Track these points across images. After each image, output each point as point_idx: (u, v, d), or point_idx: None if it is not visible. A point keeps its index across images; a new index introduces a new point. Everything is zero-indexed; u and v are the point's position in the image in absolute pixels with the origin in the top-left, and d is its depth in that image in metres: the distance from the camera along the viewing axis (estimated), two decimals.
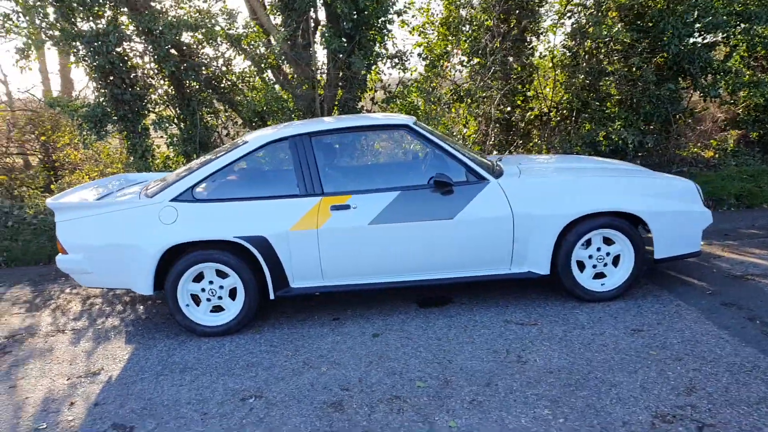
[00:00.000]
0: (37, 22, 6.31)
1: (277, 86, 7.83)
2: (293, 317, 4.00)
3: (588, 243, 3.81)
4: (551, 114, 7.90)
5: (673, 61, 6.83)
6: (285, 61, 7.82)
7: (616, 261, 3.85)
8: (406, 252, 3.73)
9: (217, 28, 7.17)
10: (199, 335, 3.78)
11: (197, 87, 7.38)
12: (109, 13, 6.76)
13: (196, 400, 3.03)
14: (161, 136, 7.30)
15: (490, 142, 8.26)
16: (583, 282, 3.83)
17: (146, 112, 7.11)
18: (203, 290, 3.76)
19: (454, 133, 7.97)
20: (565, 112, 7.79)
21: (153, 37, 6.76)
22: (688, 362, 3.02)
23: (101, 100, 6.80)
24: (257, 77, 7.72)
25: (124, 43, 6.73)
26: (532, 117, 8.09)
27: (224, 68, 7.30)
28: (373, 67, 7.61)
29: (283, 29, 7.65)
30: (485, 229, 3.69)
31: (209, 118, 7.77)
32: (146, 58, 7.11)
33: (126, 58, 6.78)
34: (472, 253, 3.75)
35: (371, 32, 7.46)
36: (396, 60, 7.33)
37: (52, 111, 7.49)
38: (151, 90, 7.16)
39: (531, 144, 8.21)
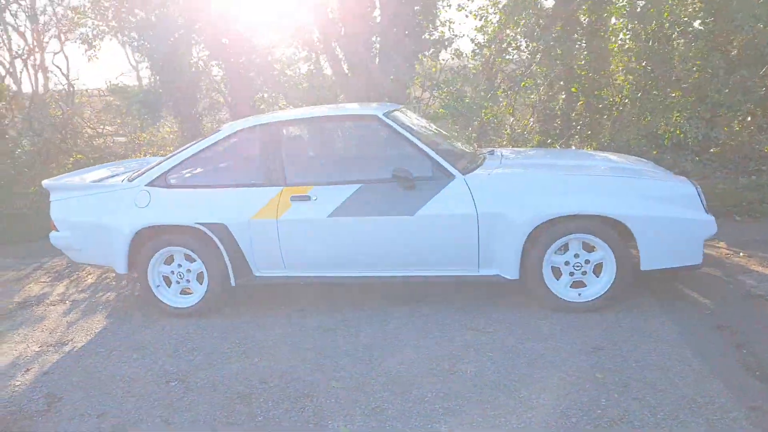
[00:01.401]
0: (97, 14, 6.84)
1: (326, 71, 7.90)
2: (263, 305, 4.03)
3: (566, 248, 3.46)
4: (617, 103, 7.25)
5: (748, 46, 5.98)
6: (336, 48, 7.86)
7: (599, 269, 3.47)
8: (365, 247, 3.61)
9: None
10: (169, 315, 3.93)
11: (248, 74, 7.64)
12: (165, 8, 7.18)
13: (129, 378, 3.16)
14: (209, 123, 7.66)
15: (552, 133, 7.75)
16: (557, 290, 3.49)
17: (198, 97, 7.50)
18: (173, 272, 3.90)
19: (504, 124, 7.59)
20: (627, 102, 7.12)
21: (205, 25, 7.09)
22: (633, 390, 2.65)
23: (156, 86, 7.27)
24: (307, 63, 7.84)
25: (176, 32, 7.11)
26: (599, 106, 7.45)
27: (269, 56, 7.48)
28: (420, 55, 7.43)
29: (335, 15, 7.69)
30: (447, 227, 3.47)
31: (262, 106, 8.01)
32: (199, 47, 7.48)
33: (177, 46, 7.16)
34: (434, 251, 3.55)
35: (419, 17, 7.27)
36: (438, 47, 7.08)
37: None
38: (203, 77, 7.53)
39: (600, 136, 7.59)
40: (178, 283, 3.90)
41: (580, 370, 2.86)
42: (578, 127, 7.66)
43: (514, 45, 7.60)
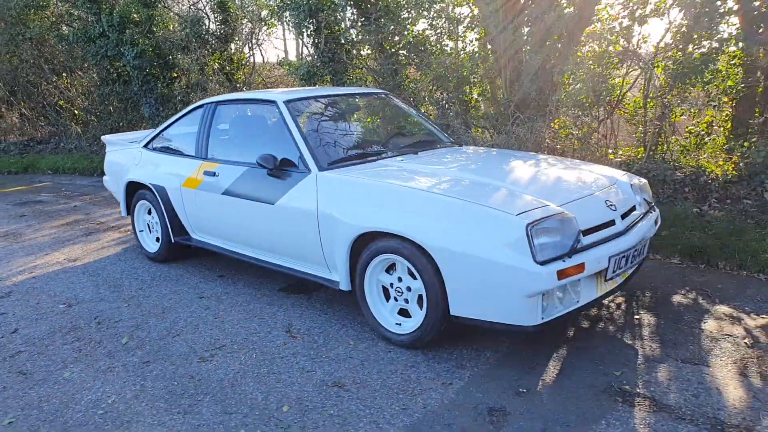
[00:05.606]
0: None
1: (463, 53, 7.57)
2: (210, 265, 4.50)
3: (394, 267, 3.01)
4: None
5: None
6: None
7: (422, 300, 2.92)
8: (242, 228, 3.76)
9: None
10: (145, 257, 4.74)
11: (393, 50, 7.86)
12: None
13: (54, 293, 4.05)
14: None
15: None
16: (380, 314, 3.08)
17: (347, 70, 8.05)
18: (149, 223, 4.67)
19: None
20: None
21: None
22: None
23: (313, 60, 8.08)
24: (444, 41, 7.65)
25: (329, 10, 7.73)
26: None
27: (405, 32, 7.53)
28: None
29: None
30: (296, 222, 3.36)
31: (407, 81, 8.14)
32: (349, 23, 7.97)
33: (330, 23, 7.78)
34: (289, 245, 3.49)
35: None
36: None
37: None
38: (354, 54, 8.02)
39: None
40: (150, 232, 4.67)
41: (300, 399, 2.60)
42: None
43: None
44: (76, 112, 11.75)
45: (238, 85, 10.51)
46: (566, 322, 3.19)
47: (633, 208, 3.19)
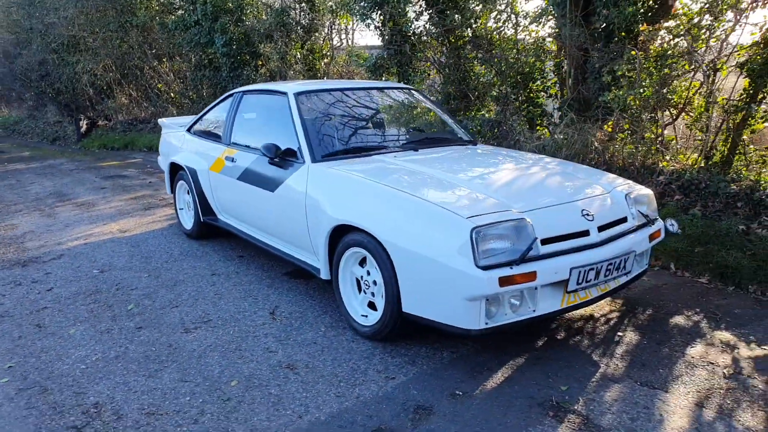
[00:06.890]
0: None
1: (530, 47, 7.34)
2: (234, 245, 4.79)
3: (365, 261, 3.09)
4: None
5: None
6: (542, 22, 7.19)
7: None
8: (251, 212, 3.99)
9: None
10: (183, 233, 5.13)
11: (459, 43, 7.81)
12: None
13: (92, 258, 4.52)
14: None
15: None
16: (349, 304, 3.18)
17: (412, 63, 8.10)
18: (187, 202, 5.05)
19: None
20: None
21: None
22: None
23: (381, 53, 8.21)
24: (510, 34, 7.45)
25: (395, 2, 7.80)
26: None
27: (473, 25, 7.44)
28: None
29: None
30: (290, 209, 3.53)
31: (472, 75, 8.04)
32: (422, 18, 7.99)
33: (394, 15, 7.85)
34: (285, 231, 3.67)
35: None
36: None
37: None
38: (419, 47, 8.04)
39: None
40: (189, 210, 5.04)
41: (251, 377, 2.79)
42: None
43: None
44: (172, 95, 12.71)
45: (318, 74, 10.88)
46: (538, 330, 3.11)
47: (622, 220, 3.03)
